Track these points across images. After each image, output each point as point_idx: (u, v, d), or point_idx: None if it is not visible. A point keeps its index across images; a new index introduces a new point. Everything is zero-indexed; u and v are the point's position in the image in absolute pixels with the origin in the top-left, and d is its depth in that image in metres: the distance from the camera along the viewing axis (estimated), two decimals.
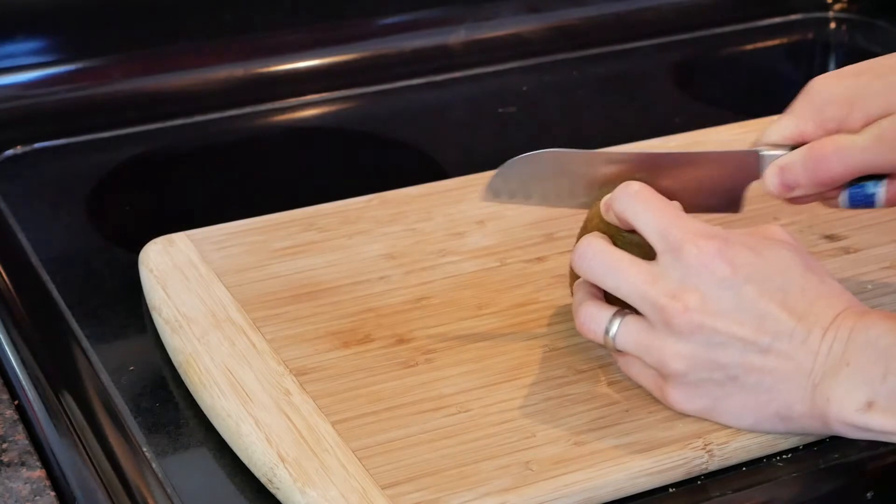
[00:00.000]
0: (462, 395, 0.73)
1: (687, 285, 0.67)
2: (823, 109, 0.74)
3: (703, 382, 0.68)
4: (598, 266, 0.70)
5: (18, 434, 0.74)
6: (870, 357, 0.65)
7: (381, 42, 1.20)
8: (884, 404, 0.65)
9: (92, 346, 0.81)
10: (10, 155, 1.05)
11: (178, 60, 1.14)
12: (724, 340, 0.67)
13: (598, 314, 0.71)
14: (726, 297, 0.67)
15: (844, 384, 0.66)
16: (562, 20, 1.26)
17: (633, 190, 0.71)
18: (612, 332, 0.70)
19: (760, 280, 0.68)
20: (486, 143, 1.09)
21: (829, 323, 0.67)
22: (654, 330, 0.68)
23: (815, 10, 1.33)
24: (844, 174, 0.73)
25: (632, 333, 0.69)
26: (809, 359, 0.67)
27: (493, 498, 0.66)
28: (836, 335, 0.67)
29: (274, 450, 0.68)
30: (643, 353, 0.69)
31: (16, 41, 1.10)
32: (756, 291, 0.67)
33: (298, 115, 1.14)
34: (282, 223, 0.89)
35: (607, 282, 0.70)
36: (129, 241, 0.90)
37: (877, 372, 0.65)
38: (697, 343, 0.67)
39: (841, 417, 0.66)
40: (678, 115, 1.12)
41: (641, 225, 0.70)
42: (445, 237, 0.88)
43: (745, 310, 0.67)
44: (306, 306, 0.80)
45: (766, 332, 0.67)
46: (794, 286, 0.68)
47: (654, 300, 0.68)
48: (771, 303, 0.67)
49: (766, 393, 0.67)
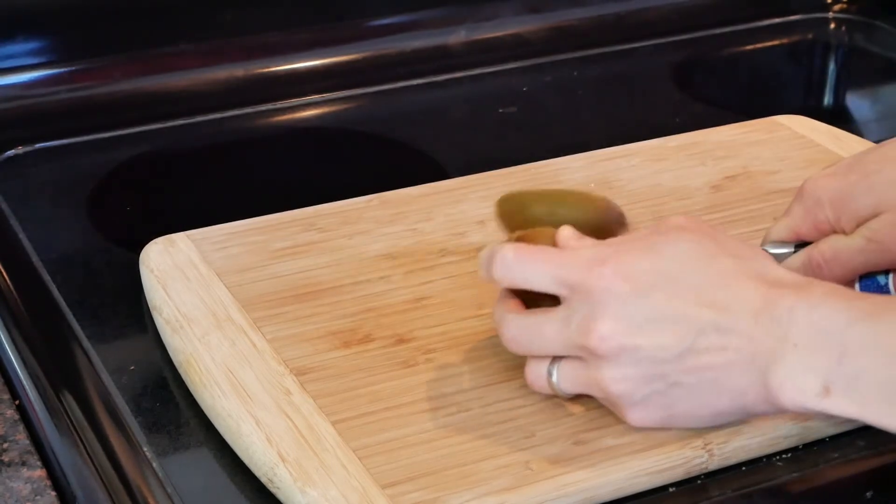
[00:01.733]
0: (462, 395, 0.73)
1: (596, 315, 0.67)
2: (815, 212, 0.75)
3: (649, 397, 0.67)
4: (520, 337, 0.70)
5: (19, 434, 0.74)
6: (820, 340, 0.64)
7: (381, 42, 1.20)
8: (842, 389, 0.63)
9: (92, 346, 0.81)
10: (11, 155, 1.05)
11: (178, 60, 1.14)
12: (650, 354, 0.66)
13: (537, 369, 0.70)
14: (636, 313, 0.66)
15: (796, 367, 0.64)
16: (562, 20, 1.26)
17: (509, 258, 0.70)
18: (554, 380, 0.70)
19: (666, 283, 0.67)
20: (486, 143, 1.09)
21: (760, 306, 0.65)
22: (586, 365, 0.68)
23: (815, 10, 1.33)
24: (845, 275, 0.75)
25: (570, 376, 0.69)
26: (746, 345, 0.65)
27: (492, 497, 0.66)
28: (771, 316, 0.65)
29: (274, 449, 0.68)
30: (585, 388, 0.69)
31: (16, 41, 1.10)
32: (665, 297, 0.66)
33: (298, 115, 1.14)
34: (282, 223, 0.89)
35: (533, 349, 0.70)
36: (130, 241, 0.90)
37: (831, 355, 0.63)
38: (627, 364, 0.66)
39: (797, 403, 0.65)
40: (678, 115, 1.12)
41: (535, 284, 0.69)
42: (445, 237, 0.88)
43: (659, 318, 0.66)
44: (306, 306, 0.80)
45: (688, 333, 0.66)
46: (706, 277, 0.67)
47: (572, 342, 0.67)
48: (684, 303, 0.66)
49: (712, 388, 0.66)
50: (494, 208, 0.79)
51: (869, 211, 0.73)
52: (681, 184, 0.94)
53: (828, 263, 0.74)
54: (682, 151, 0.98)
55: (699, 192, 0.93)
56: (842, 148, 0.97)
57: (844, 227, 0.74)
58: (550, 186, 0.91)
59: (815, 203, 0.75)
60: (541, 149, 1.00)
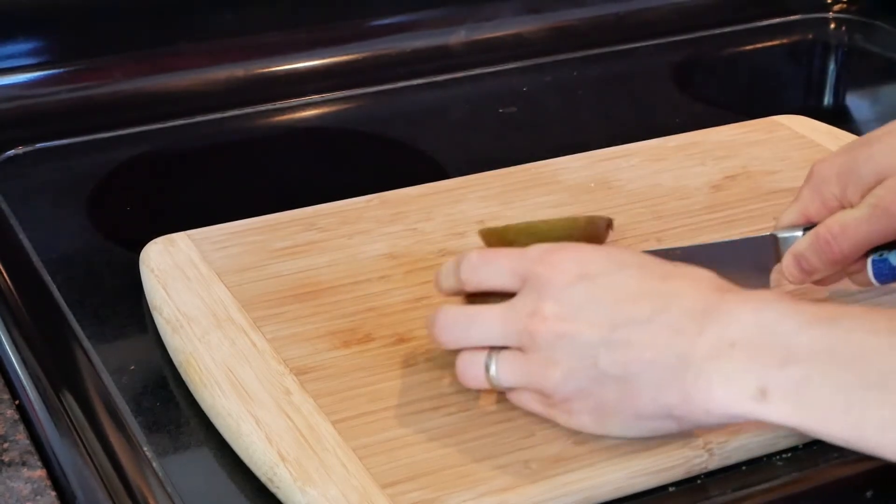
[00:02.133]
0: (462, 395, 0.73)
1: (543, 298, 0.67)
2: (822, 190, 0.75)
3: (582, 386, 0.66)
4: (455, 324, 0.70)
5: (19, 434, 0.74)
6: (762, 340, 0.62)
7: (381, 42, 1.20)
8: (781, 394, 0.61)
9: (92, 346, 0.81)
10: (11, 155, 1.05)
11: (178, 60, 1.14)
12: (583, 340, 0.65)
13: (473, 359, 0.69)
14: (578, 296, 0.66)
15: (729, 367, 0.62)
16: (562, 20, 1.26)
17: (474, 259, 0.70)
18: (492, 371, 0.69)
19: (611, 272, 0.67)
20: (486, 143, 1.09)
21: (700, 308, 0.64)
22: (525, 355, 0.67)
23: (815, 10, 1.33)
24: (854, 250, 0.74)
25: (508, 365, 0.68)
26: (677, 341, 0.64)
27: (492, 497, 0.66)
28: (712, 318, 0.63)
29: (274, 449, 0.68)
30: (523, 380, 0.68)
31: (16, 41, 1.10)
32: (607, 284, 0.66)
33: (298, 115, 1.14)
34: (282, 223, 0.89)
35: (472, 336, 0.69)
36: (130, 241, 0.90)
37: (774, 357, 0.61)
38: (564, 350, 0.66)
39: (727, 406, 0.62)
40: (678, 115, 1.12)
41: (495, 280, 0.69)
42: (445, 237, 0.88)
43: (599, 304, 0.66)
44: (306, 306, 0.80)
45: (620, 320, 0.65)
46: (652, 276, 0.66)
47: (514, 325, 0.67)
48: (625, 292, 0.66)
49: (636, 384, 0.65)
50: (479, 237, 0.81)
51: (873, 178, 0.73)
52: (680, 184, 0.94)
53: (836, 238, 0.73)
54: (681, 151, 0.98)
55: (699, 192, 0.93)
56: None
57: (851, 199, 0.74)
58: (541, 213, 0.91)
59: (822, 181, 0.75)
60: (541, 149, 1.00)
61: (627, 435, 0.68)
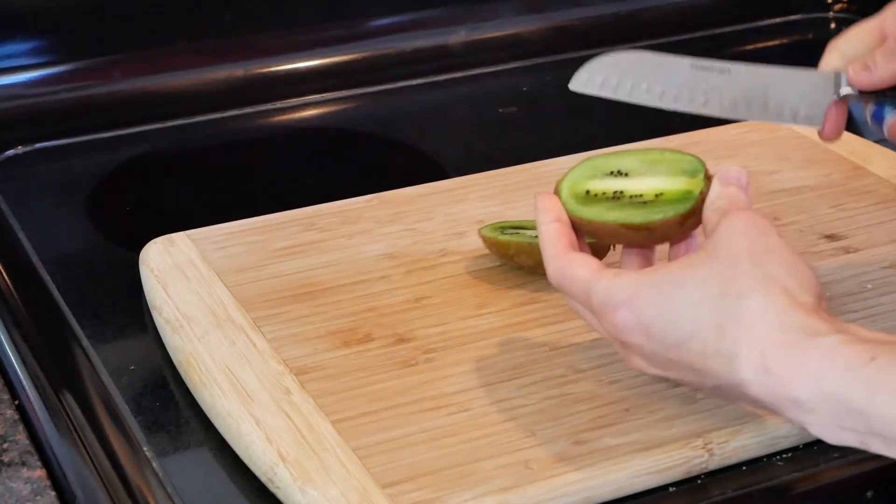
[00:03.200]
0: (462, 395, 0.73)
1: (625, 352, 0.67)
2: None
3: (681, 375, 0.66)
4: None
5: (19, 434, 0.74)
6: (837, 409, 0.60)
7: (381, 42, 1.20)
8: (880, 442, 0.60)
9: (92, 346, 0.81)
10: (11, 155, 1.05)
11: (178, 60, 1.14)
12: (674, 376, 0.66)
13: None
14: (658, 359, 0.65)
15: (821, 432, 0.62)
16: (562, 20, 1.26)
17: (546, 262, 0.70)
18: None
19: (671, 339, 0.64)
20: (486, 143, 1.09)
21: (761, 370, 0.62)
22: None
23: (815, 10, 1.33)
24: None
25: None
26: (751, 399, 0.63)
27: (492, 497, 0.66)
28: (774, 380, 0.61)
29: (274, 449, 0.68)
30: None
31: (16, 41, 1.10)
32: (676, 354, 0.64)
33: (298, 115, 1.14)
34: (282, 223, 0.89)
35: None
36: (129, 241, 0.90)
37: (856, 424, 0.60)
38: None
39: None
40: (678, 115, 1.12)
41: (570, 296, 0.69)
42: (445, 237, 0.88)
43: (678, 366, 0.64)
44: (306, 306, 0.80)
45: (703, 379, 0.64)
46: (711, 329, 0.63)
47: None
48: (692, 359, 0.64)
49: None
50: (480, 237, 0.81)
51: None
52: None
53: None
54: None
55: None
56: (842, 148, 0.97)
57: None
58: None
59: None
60: (541, 149, 1.00)
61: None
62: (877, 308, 0.79)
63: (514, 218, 0.88)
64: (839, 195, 0.92)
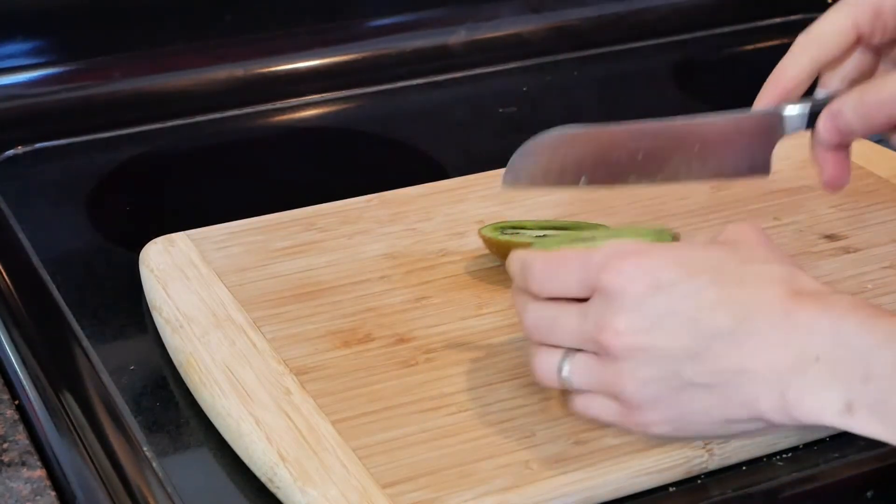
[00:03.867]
0: (462, 395, 0.73)
1: (613, 310, 0.65)
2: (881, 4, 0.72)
3: (662, 397, 0.65)
4: (542, 330, 0.68)
5: (19, 434, 0.74)
6: (844, 356, 0.62)
7: (381, 42, 1.20)
8: (867, 408, 0.61)
9: (92, 346, 0.81)
10: (11, 155, 1.05)
11: (178, 60, 1.14)
12: (664, 353, 0.64)
13: (548, 360, 0.68)
14: (653, 308, 0.64)
15: (816, 382, 0.62)
16: (562, 20, 1.26)
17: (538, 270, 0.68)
18: (564, 372, 0.67)
19: (684, 280, 0.65)
20: (486, 143, 1.09)
21: (780, 313, 0.63)
22: (601, 360, 0.66)
23: (815, 10, 1.32)
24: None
25: (583, 368, 0.67)
26: (763, 352, 0.63)
27: (492, 497, 0.66)
28: (794, 326, 0.63)
29: (274, 449, 0.68)
30: (598, 384, 0.66)
31: (16, 41, 1.10)
32: (682, 295, 0.64)
33: (298, 115, 1.14)
34: (282, 223, 0.89)
35: (551, 339, 0.68)
36: (129, 241, 0.90)
37: (856, 373, 0.61)
38: (641, 361, 0.64)
39: (816, 417, 0.63)
40: (678, 116, 1.12)
41: (565, 290, 0.67)
42: (445, 237, 0.88)
43: (675, 317, 0.64)
44: (306, 306, 0.80)
45: (704, 335, 0.64)
46: (727, 278, 0.65)
47: (588, 336, 0.66)
48: (701, 303, 0.64)
49: (726, 392, 0.64)
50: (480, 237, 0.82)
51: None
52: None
53: (884, 104, 0.70)
54: None
55: (699, 191, 0.93)
56: None
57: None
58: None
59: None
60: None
61: (707, 437, 0.67)
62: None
63: (514, 218, 0.88)
64: (839, 195, 0.92)
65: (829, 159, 0.75)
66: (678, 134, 0.74)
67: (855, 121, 0.72)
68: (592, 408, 0.67)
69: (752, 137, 0.74)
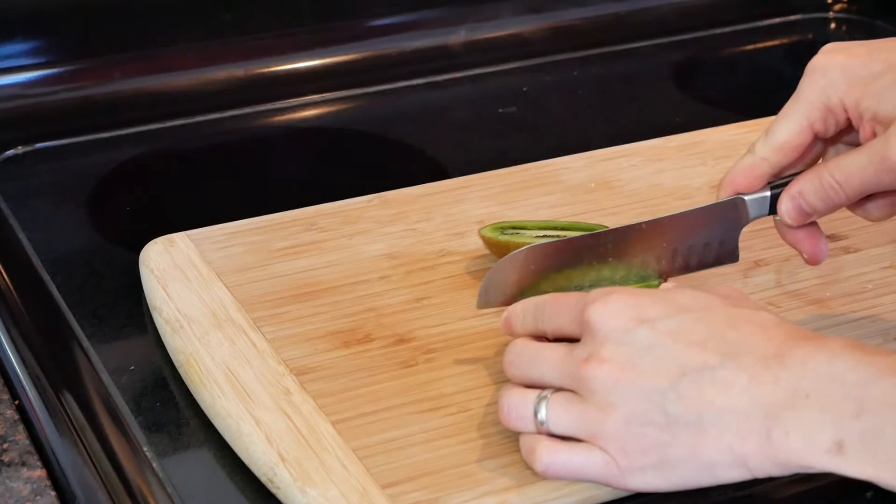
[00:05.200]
0: (462, 395, 0.73)
1: (599, 341, 0.64)
2: (830, 94, 0.71)
3: (646, 434, 0.63)
4: (522, 363, 0.68)
5: (19, 434, 0.74)
6: (837, 392, 0.60)
7: (381, 42, 1.20)
8: (857, 446, 0.60)
9: (92, 346, 0.81)
10: (11, 155, 1.05)
11: (178, 60, 1.14)
12: (652, 385, 0.63)
13: (521, 399, 0.66)
14: (639, 341, 0.64)
15: (805, 418, 0.61)
16: (562, 20, 1.26)
17: (548, 304, 0.69)
18: (541, 414, 0.65)
19: (672, 316, 0.64)
20: (486, 143, 1.09)
21: (771, 353, 0.62)
22: (581, 398, 0.65)
23: (815, 10, 1.33)
24: (863, 194, 0.72)
25: (561, 407, 0.65)
26: (752, 388, 0.62)
27: (492, 497, 0.66)
28: (783, 365, 0.62)
29: (274, 449, 0.68)
30: (578, 423, 0.65)
31: (16, 41, 1.10)
32: (670, 328, 0.64)
33: (298, 115, 1.14)
34: (282, 223, 0.89)
35: (532, 373, 0.67)
36: (129, 241, 0.90)
37: (848, 408, 0.60)
38: (625, 394, 0.63)
39: (804, 458, 0.61)
40: (678, 115, 1.12)
41: (562, 326, 0.67)
42: (446, 237, 0.88)
43: (663, 349, 0.63)
44: (307, 306, 0.80)
45: (691, 367, 0.63)
46: (717, 321, 0.64)
47: (571, 368, 0.65)
48: (690, 338, 0.64)
49: (711, 430, 0.62)
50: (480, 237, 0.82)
51: (888, 114, 0.69)
52: (681, 184, 0.94)
53: (842, 186, 0.70)
54: (682, 151, 0.98)
55: (699, 192, 0.93)
56: None
57: (862, 114, 0.70)
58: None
59: (830, 83, 0.71)
60: (541, 149, 1.00)
61: (692, 486, 0.65)
62: (877, 308, 0.80)
63: (515, 218, 0.88)
64: None
65: (801, 237, 0.75)
66: (645, 233, 0.75)
67: (817, 203, 0.72)
68: (574, 460, 0.65)
69: (717, 227, 0.75)
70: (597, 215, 0.89)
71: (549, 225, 0.84)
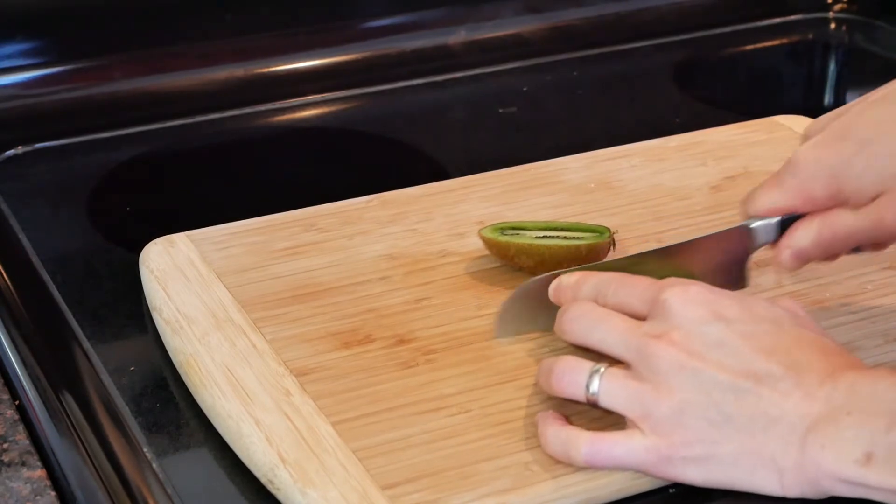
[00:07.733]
0: (462, 396, 0.73)
1: (672, 324, 0.66)
2: (811, 187, 0.73)
3: (697, 427, 0.65)
4: (584, 321, 0.68)
5: (19, 434, 0.74)
6: (874, 408, 0.62)
7: (381, 42, 1.20)
8: (884, 456, 0.61)
9: (92, 346, 0.81)
10: (11, 155, 1.05)
11: (178, 60, 1.14)
12: (714, 379, 0.64)
13: (577, 365, 0.68)
14: (712, 335, 0.65)
15: (842, 432, 0.63)
16: (562, 20, 1.26)
17: (615, 282, 0.70)
18: (593, 386, 0.66)
19: (747, 322, 0.66)
20: (486, 143, 1.09)
21: (827, 374, 0.64)
22: (638, 376, 0.66)
23: (815, 10, 1.33)
24: (854, 246, 0.74)
25: (617, 381, 0.66)
26: (804, 403, 0.64)
27: (492, 498, 0.66)
28: (834, 386, 0.64)
29: (274, 450, 0.68)
30: (631, 400, 0.66)
31: (16, 41, 1.10)
32: (744, 332, 0.66)
33: (298, 115, 1.14)
34: (282, 223, 0.89)
35: (593, 335, 0.68)
36: (129, 241, 0.90)
37: (880, 423, 0.62)
38: (685, 381, 0.65)
39: (835, 469, 0.63)
40: (678, 115, 1.12)
41: (629, 302, 0.69)
42: (446, 237, 0.88)
43: (733, 349, 0.65)
44: (307, 307, 0.80)
45: (753, 373, 0.64)
46: (786, 336, 0.66)
47: (637, 341, 0.66)
48: (761, 344, 0.65)
49: (761, 433, 0.64)
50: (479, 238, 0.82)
51: (872, 189, 0.71)
52: (681, 184, 0.94)
53: (838, 240, 0.73)
54: (682, 151, 0.98)
55: (699, 192, 0.93)
56: None
57: (848, 198, 0.72)
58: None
59: (808, 177, 0.73)
60: (541, 149, 1.00)
61: (726, 486, 0.66)
62: (877, 308, 0.80)
63: (515, 219, 0.88)
64: None
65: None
66: (658, 261, 0.75)
67: (814, 252, 0.74)
68: (617, 449, 0.66)
69: (726, 254, 0.77)
70: (597, 215, 0.89)
71: (549, 226, 0.84)
